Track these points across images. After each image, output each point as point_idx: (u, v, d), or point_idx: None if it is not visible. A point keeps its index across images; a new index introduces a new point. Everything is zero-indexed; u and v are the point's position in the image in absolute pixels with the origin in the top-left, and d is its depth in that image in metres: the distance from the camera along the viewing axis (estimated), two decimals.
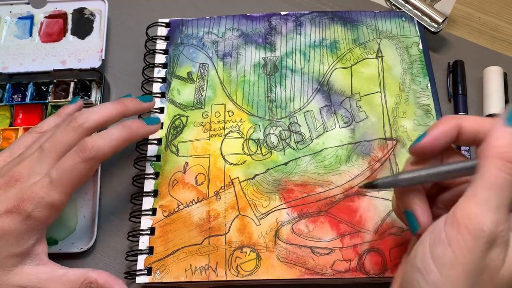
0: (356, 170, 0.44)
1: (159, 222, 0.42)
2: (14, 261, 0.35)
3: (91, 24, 0.52)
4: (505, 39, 0.54)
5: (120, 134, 0.39)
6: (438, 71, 0.51)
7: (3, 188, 0.37)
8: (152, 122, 0.42)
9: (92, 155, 0.37)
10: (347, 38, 0.50)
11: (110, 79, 0.52)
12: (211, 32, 0.51)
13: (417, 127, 0.45)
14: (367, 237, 0.41)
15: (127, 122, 0.40)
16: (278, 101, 0.47)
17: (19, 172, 0.37)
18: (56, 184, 0.36)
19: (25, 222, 0.35)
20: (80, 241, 0.44)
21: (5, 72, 0.50)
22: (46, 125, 0.42)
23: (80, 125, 0.38)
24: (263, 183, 0.43)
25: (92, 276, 0.37)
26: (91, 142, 0.37)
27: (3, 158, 0.40)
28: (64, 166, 0.36)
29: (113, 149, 0.38)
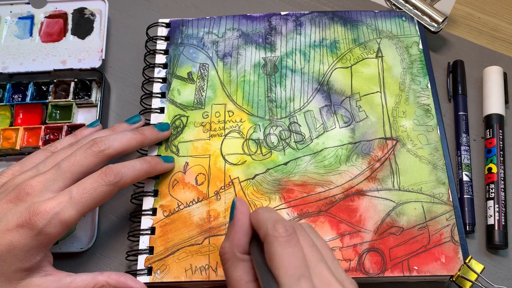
0: (356, 170, 0.44)
1: (159, 222, 0.42)
2: (22, 275, 0.35)
3: (91, 24, 0.52)
4: (505, 39, 0.54)
5: (142, 167, 0.41)
6: (438, 71, 0.51)
7: (14, 202, 0.36)
8: (168, 161, 0.44)
9: (116, 181, 0.38)
10: (347, 38, 0.50)
11: (110, 79, 0.52)
12: (211, 32, 0.51)
13: (417, 127, 0.45)
14: (367, 237, 0.41)
15: (147, 157, 0.42)
16: (278, 101, 0.47)
17: (31, 186, 0.37)
18: (75, 202, 0.36)
19: (35, 238, 0.35)
20: (80, 241, 0.44)
21: (5, 72, 0.50)
22: (61, 145, 0.42)
23: (102, 150, 0.39)
24: (263, 183, 0.43)
25: (102, 280, 0.38)
26: (116, 168, 0.38)
27: (13, 171, 0.40)
28: (87, 186, 0.37)
29: (133, 180, 0.40)
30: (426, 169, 0.43)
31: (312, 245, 0.32)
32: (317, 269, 0.30)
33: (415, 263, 0.40)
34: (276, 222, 0.31)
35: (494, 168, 0.45)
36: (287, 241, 0.30)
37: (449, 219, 0.41)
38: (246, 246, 0.33)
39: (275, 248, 0.30)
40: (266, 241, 0.31)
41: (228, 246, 0.33)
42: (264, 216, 0.32)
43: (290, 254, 0.30)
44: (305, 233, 0.32)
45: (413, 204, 0.42)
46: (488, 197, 0.45)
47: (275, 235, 0.30)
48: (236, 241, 0.33)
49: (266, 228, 0.31)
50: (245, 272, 0.32)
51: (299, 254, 0.30)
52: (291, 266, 0.29)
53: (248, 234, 0.34)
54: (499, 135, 0.47)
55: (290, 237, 0.30)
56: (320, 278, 0.30)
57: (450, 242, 0.40)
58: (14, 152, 0.47)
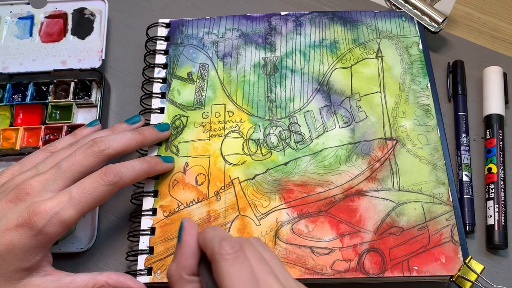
0: (356, 170, 0.44)
1: (159, 222, 0.42)
2: (22, 274, 0.35)
3: (91, 24, 0.52)
4: (505, 39, 0.54)
5: (141, 167, 0.41)
6: (438, 71, 0.51)
7: (14, 201, 0.36)
8: (168, 161, 0.44)
9: (115, 181, 0.38)
10: (347, 38, 0.50)
11: (110, 79, 0.52)
12: (211, 33, 0.51)
13: (417, 127, 0.45)
14: (367, 237, 0.41)
15: (147, 157, 0.42)
16: (278, 101, 0.47)
17: (31, 186, 0.37)
18: (75, 202, 0.36)
19: (35, 238, 0.35)
20: (80, 241, 0.44)
21: (5, 72, 0.50)
22: (60, 145, 0.42)
23: (101, 150, 0.39)
24: (263, 183, 0.43)
25: (101, 280, 0.38)
26: (115, 168, 0.38)
27: (12, 171, 0.40)
28: (86, 186, 0.37)
29: (133, 180, 0.40)
30: (426, 169, 0.43)
31: (259, 258, 0.32)
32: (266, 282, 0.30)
33: (415, 263, 0.40)
34: (222, 240, 0.31)
35: (494, 168, 0.45)
36: (234, 259, 0.30)
37: (449, 219, 0.41)
38: (194, 267, 0.33)
39: (222, 266, 0.30)
40: (213, 260, 0.31)
41: (174, 268, 0.33)
42: (210, 235, 0.32)
43: (237, 271, 0.30)
44: (253, 248, 0.32)
45: (413, 204, 0.42)
46: (488, 197, 0.45)
47: (222, 253, 0.30)
48: (183, 263, 0.33)
49: (212, 247, 0.31)
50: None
51: (247, 270, 0.30)
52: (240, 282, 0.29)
53: (196, 255, 0.33)
54: (499, 135, 0.47)
55: (236, 253, 0.30)
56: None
57: (450, 242, 0.40)
58: (14, 152, 0.47)
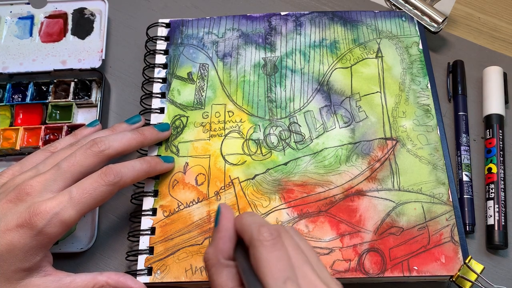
0: (356, 170, 0.44)
1: (159, 222, 0.42)
2: (22, 275, 0.35)
3: (91, 24, 0.52)
4: (505, 39, 0.54)
5: (141, 167, 0.41)
6: (438, 71, 0.51)
7: (14, 201, 0.36)
8: (168, 161, 0.44)
9: (116, 181, 0.38)
10: (347, 38, 0.50)
11: (110, 79, 0.52)
12: (211, 33, 0.51)
13: (417, 127, 0.45)
14: (367, 237, 0.41)
15: (147, 157, 0.42)
16: (278, 101, 0.47)
17: (31, 186, 0.37)
18: (75, 202, 0.36)
19: (35, 238, 0.35)
20: (80, 241, 0.44)
21: (5, 72, 0.50)
22: (60, 145, 0.42)
23: (102, 151, 0.39)
24: (263, 183, 0.43)
25: (101, 280, 0.38)
26: (115, 168, 0.38)
27: (13, 172, 0.40)
28: (87, 186, 0.37)
29: (133, 180, 0.40)
30: (426, 169, 0.43)
31: (297, 247, 0.32)
32: (303, 271, 0.30)
33: (415, 263, 0.40)
34: (260, 226, 0.31)
35: (494, 168, 0.45)
36: (272, 245, 0.30)
37: (449, 219, 0.41)
38: (230, 251, 0.33)
39: (261, 252, 0.30)
40: (252, 246, 0.31)
41: (212, 252, 0.33)
42: (249, 221, 0.32)
43: (275, 257, 0.30)
44: (290, 236, 0.32)
45: (413, 204, 0.42)
46: (488, 197, 0.45)
47: (260, 239, 0.30)
48: (221, 247, 0.33)
49: (251, 232, 0.31)
50: (230, 278, 0.32)
51: (285, 257, 0.30)
52: (277, 269, 0.29)
53: (233, 240, 0.33)
54: (499, 135, 0.47)
55: (275, 240, 0.31)
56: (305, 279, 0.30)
57: (450, 242, 0.40)
58: (14, 152, 0.47)
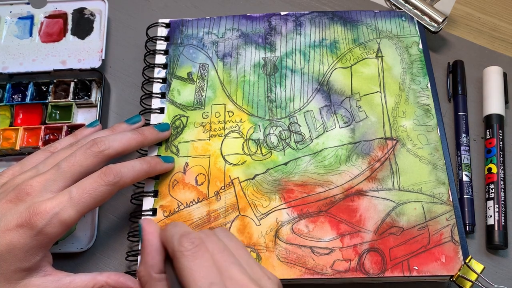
0: (356, 170, 0.44)
1: (159, 222, 0.42)
2: (22, 275, 0.35)
3: (91, 24, 0.52)
4: (505, 39, 0.54)
5: (141, 167, 0.40)
6: (438, 71, 0.51)
7: (14, 201, 0.36)
8: (168, 161, 0.44)
9: (115, 181, 0.38)
10: (347, 38, 0.50)
11: (110, 79, 0.52)
12: (211, 33, 0.51)
13: (417, 127, 0.45)
14: (367, 237, 0.41)
15: (147, 158, 0.42)
16: (278, 101, 0.47)
17: (31, 186, 0.36)
18: (75, 202, 0.36)
19: (35, 238, 0.35)
20: (80, 241, 0.44)
21: (5, 72, 0.50)
22: (60, 145, 0.42)
23: (101, 151, 0.39)
24: (263, 183, 0.43)
25: (101, 280, 0.38)
26: (115, 168, 0.38)
27: (13, 172, 0.40)
28: (86, 186, 0.37)
29: (133, 180, 0.40)
30: (426, 169, 0.43)
31: (223, 250, 0.32)
32: (229, 273, 0.30)
33: (415, 263, 0.40)
34: (181, 236, 0.31)
35: (494, 168, 0.45)
36: (192, 254, 0.30)
37: (449, 219, 0.41)
38: (161, 265, 0.33)
39: (182, 262, 0.30)
40: (174, 257, 0.31)
41: (143, 269, 0.33)
42: (171, 232, 0.33)
43: (197, 265, 0.30)
44: (216, 239, 0.32)
45: (413, 204, 0.42)
46: (488, 197, 0.45)
47: (181, 249, 0.31)
48: (150, 262, 0.33)
49: (173, 244, 0.31)
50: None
51: (207, 263, 0.30)
52: (200, 276, 0.29)
53: (161, 253, 0.34)
54: (499, 135, 0.47)
55: (196, 249, 0.31)
56: (232, 281, 0.30)
57: (450, 242, 0.40)
58: (14, 152, 0.47)
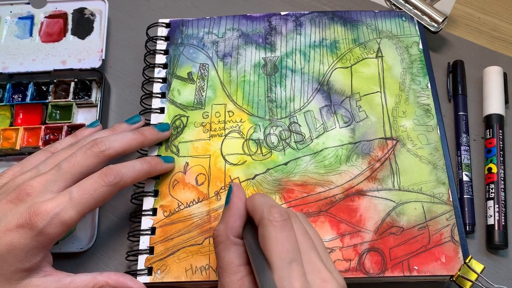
0: (356, 170, 0.44)
1: (159, 222, 0.42)
2: (22, 275, 0.35)
3: (91, 24, 0.52)
4: (505, 39, 0.54)
5: (142, 167, 0.40)
6: (438, 71, 0.51)
7: (14, 202, 0.36)
8: (169, 161, 0.44)
9: (116, 181, 0.38)
10: (347, 38, 0.50)
11: (110, 79, 0.52)
12: (211, 33, 0.51)
13: (417, 127, 0.45)
14: (367, 237, 0.41)
15: (147, 158, 0.42)
16: (278, 101, 0.47)
17: (31, 187, 0.36)
18: (75, 203, 0.36)
19: (35, 238, 0.35)
20: (80, 241, 0.44)
21: (5, 72, 0.50)
22: (61, 145, 0.42)
23: (102, 151, 0.39)
24: (263, 183, 0.43)
25: (101, 280, 0.38)
26: (116, 169, 0.38)
27: (13, 172, 0.40)
28: (87, 187, 0.37)
29: (134, 180, 0.40)
30: (426, 169, 0.43)
31: (305, 232, 0.32)
32: (309, 256, 0.31)
33: (415, 263, 0.40)
34: (271, 207, 0.32)
35: (494, 168, 0.45)
36: (281, 226, 0.31)
37: (449, 219, 0.41)
38: (239, 230, 0.34)
39: (270, 231, 0.31)
40: (261, 225, 0.31)
41: (222, 228, 0.34)
42: (260, 201, 0.33)
43: (283, 238, 0.30)
44: (299, 221, 0.33)
45: (413, 204, 0.42)
46: (488, 197, 0.45)
47: (270, 219, 0.31)
48: (231, 224, 0.34)
49: (262, 212, 0.32)
50: (237, 256, 0.33)
51: (293, 239, 0.31)
52: (284, 249, 0.30)
53: (243, 219, 0.34)
54: (499, 135, 0.47)
55: (284, 222, 0.31)
56: (310, 264, 0.30)
57: (450, 242, 0.40)
58: (14, 152, 0.47)
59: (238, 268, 0.32)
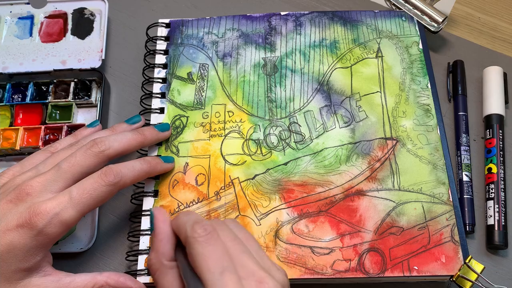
0: (356, 170, 0.44)
1: None
2: (22, 275, 0.35)
3: (91, 24, 0.52)
4: (505, 39, 0.54)
5: (142, 167, 0.40)
6: (438, 71, 0.51)
7: (14, 202, 0.36)
8: (168, 161, 0.44)
9: (116, 181, 0.38)
10: (347, 38, 0.50)
11: (110, 79, 0.52)
12: (211, 33, 0.51)
13: (417, 127, 0.45)
14: (367, 237, 0.41)
15: (147, 158, 0.42)
16: (278, 101, 0.47)
17: (31, 186, 0.36)
18: (75, 202, 0.36)
19: (35, 238, 0.35)
20: (80, 241, 0.44)
21: (5, 72, 0.50)
22: (61, 145, 0.42)
23: (102, 151, 0.39)
24: (263, 183, 0.43)
25: (101, 280, 0.38)
26: (116, 169, 0.38)
27: (13, 172, 0.40)
28: (87, 187, 0.37)
29: (133, 180, 0.40)
30: (426, 169, 0.43)
31: (233, 238, 0.32)
32: (241, 260, 0.31)
33: (415, 263, 0.40)
34: (194, 223, 0.32)
35: (494, 168, 0.45)
36: (206, 240, 0.31)
37: (449, 219, 0.41)
38: (171, 253, 0.34)
39: (196, 248, 0.31)
40: (187, 243, 0.32)
41: (154, 257, 0.34)
42: (184, 220, 0.33)
43: (210, 251, 0.31)
44: (227, 228, 0.33)
45: (413, 204, 0.42)
46: (488, 197, 0.45)
47: (194, 236, 0.31)
48: (161, 250, 0.34)
49: (185, 231, 0.32)
50: (175, 279, 0.33)
51: (220, 249, 0.31)
52: (213, 262, 0.30)
53: (172, 241, 0.34)
54: (499, 135, 0.47)
55: (209, 235, 0.31)
56: (243, 268, 0.31)
57: (450, 242, 0.40)
58: (14, 152, 0.47)
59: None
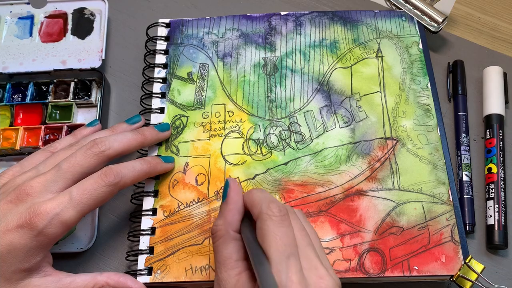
0: (356, 170, 0.44)
1: (159, 222, 0.42)
2: (22, 275, 0.35)
3: (91, 24, 0.52)
4: (505, 39, 0.54)
5: (142, 167, 0.40)
6: (438, 71, 0.51)
7: (14, 202, 0.36)
8: (169, 161, 0.44)
9: (116, 181, 0.38)
10: (347, 38, 0.50)
11: (110, 79, 0.52)
12: (211, 33, 0.51)
13: (417, 127, 0.45)
14: (367, 237, 0.41)
15: (147, 158, 0.42)
16: (278, 101, 0.47)
17: (31, 187, 0.36)
18: (75, 203, 0.36)
19: (35, 239, 0.35)
20: (80, 241, 0.44)
21: (5, 72, 0.50)
22: (60, 145, 0.42)
23: (102, 151, 0.39)
24: (263, 183, 0.43)
25: (101, 280, 0.38)
26: (116, 169, 0.38)
27: (13, 172, 0.40)
28: (87, 187, 0.37)
29: (134, 180, 0.40)
30: (426, 169, 0.43)
31: (302, 229, 0.33)
32: (306, 252, 0.31)
33: (415, 263, 0.40)
34: (270, 202, 0.32)
35: (494, 168, 0.45)
36: (280, 221, 0.31)
37: (449, 219, 0.41)
38: (238, 224, 0.34)
39: (268, 226, 0.31)
40: (260, 219, 0.32)
41: (221, 223, 0.34)
42: (259, 196, 0.34)
43: (282, 233, 0.31)
44: (297, 218, 0.34)
45: (413, 204, 0.42)
46: (488, 197, 0.45)
47: (269, 214, 0.32)
48: (230, 219, 0.34)
49: (261, 206, 0.32)
50: (235, 251, 0.33)
51: (290, 234, 0.31)
52: (282, 243, 0.30)
53: (241, 213, 0.35)
54: (499, 135, 0.47)
55: (283, 217, 0.32)
56: (307, 260, 0.31)
57: (450, 242, 0.40)
58: (14, 152, 0.47)
59: (236, 263, 0.32)
